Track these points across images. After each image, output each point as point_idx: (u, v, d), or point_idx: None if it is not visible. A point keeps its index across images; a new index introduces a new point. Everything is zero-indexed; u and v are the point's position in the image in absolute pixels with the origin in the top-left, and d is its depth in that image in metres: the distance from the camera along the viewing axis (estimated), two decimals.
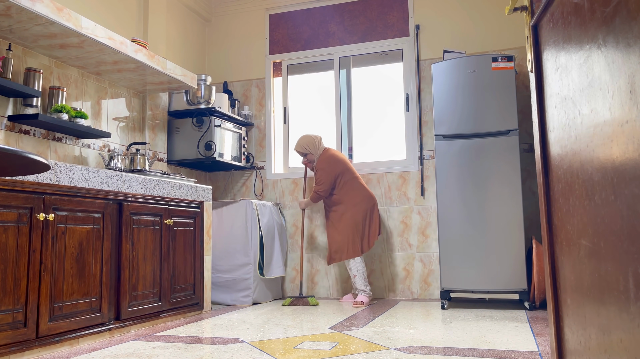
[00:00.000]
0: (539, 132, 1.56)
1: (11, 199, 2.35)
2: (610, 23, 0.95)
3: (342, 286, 4.61)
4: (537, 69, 1.57)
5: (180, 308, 3.53)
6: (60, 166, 2.60)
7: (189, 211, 3.67)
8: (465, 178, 3.80)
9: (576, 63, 1.19)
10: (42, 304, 2.48)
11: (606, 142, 1.00)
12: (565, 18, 1.24)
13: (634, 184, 0.87)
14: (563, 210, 1.36)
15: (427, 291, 4.39)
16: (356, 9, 4.87)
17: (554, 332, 1.49)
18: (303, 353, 2.42)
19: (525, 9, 1.63)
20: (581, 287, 1.22)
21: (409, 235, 4.49)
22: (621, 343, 0.97)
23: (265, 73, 5.09)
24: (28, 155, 1.19)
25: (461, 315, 3.46)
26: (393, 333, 2.86)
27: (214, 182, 5.12)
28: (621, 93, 0.91)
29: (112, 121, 3.83)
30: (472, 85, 3.87)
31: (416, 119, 4.57)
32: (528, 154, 4.24)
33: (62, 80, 3.41)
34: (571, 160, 1.25)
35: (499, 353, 2.35)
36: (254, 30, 5.17)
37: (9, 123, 3.03)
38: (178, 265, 3.53)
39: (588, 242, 1.15)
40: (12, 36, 2.98)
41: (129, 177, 3.09)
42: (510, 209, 3.68)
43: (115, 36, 3.27)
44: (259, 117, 5.07)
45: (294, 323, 3.29)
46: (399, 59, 4.77)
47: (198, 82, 4.33)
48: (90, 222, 2.81)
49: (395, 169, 4.59)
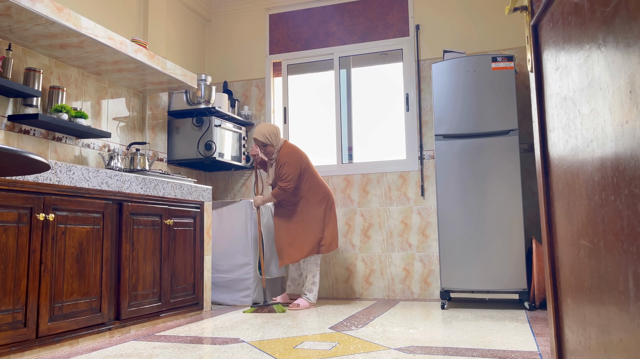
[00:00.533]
0: (539, 132, 1.56)
1: (11, 199, 2.35)
2: (610, 23, 0.95)
3: (342, 287, 4.61)
4: (537, 69, 1.57)
5: (180, 308, 3.53)
6: (60, 166, 2.60)
7: (189, 211, 3.67)
8: (465, 178, 3.80)
9: (576, 63, 1.19)
10: (42, 304, 2.48)
11: (606, 142, 1.00)
12: (565, 18, 1.24)
13: (634, 184, 0.87)
14: (563, 210, 1.36)
15: (427, 291, 4.39)
16: (356, 9, 4.87)
17: (554, 332, 1.49)
18: (303, 353, 2.42)
19: (525, 9, 1.63)
20: (581, 287, 1.22)
21: (409, 235, 4.49)
22: (621, 343, 0.97)
23: (265, 73, 5.09)
24: (28, 155, 1.19)
25: (461, 315, 3.46)
26: (393, 333, 2.86)
27: (214, 182, 5.12)
28: (621, 93, 0.91)
29: (112, 121, 3.83)
30: (472, 85, 3.87)
31: (416, 119, 4.57)
32: (528, 154, 4.23)
33: (62, 80, 3.41)
34: (571, 160, 1.25)
35: (499, 353, 2.35)
36: (254, 30, 5.17)
37: (9, 123, 3.03)
38: (178, 265, 3.52)
39: (588, 242, 1.15)
40: (12, 36, 2.98)
41: (129, 177, 3.09)
42: (510, 209, 3.68)
43: (115, 36, 3.27)
44: (259, 117, 5.07)
45: (294, 323, 3.29)
46: (399, 59, 4.77)
47: (198, 82, 4.33)
48: (90, 222, 2.81)
49: (395, 169, 4.59)
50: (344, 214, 4.67)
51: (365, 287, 4.56)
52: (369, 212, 4.61)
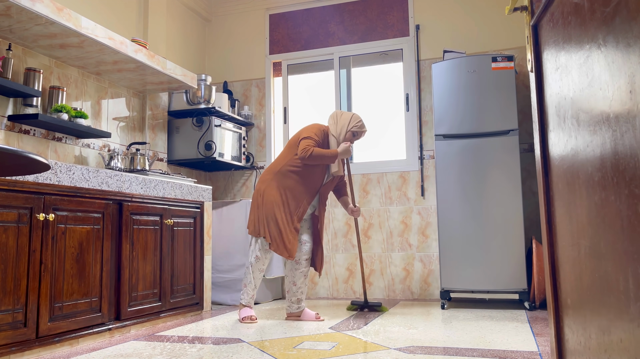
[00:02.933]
0: (539, 132, 1.56)
1: (11, 199, 2.35)
2: (610, 23, 0.95)
3: (342, 287, 4.60)
4: (537, 69, 1.57)
5: (180, 308, 3.53)
6: (60, 166, 2.60)
7: (189, 211, 3.67)
8: (465, 178, 3.80)
9: (576, 63, 1.18)
10: (42, 304, 2.48)
11: (606, 142, 1.00)
12: (565, 18, 1.24)
13: (634, 184, 0.87)
14: (563, 210, 1.36)
15: (427, 291, 4.39)
16: (356, 9, 4.87)
17: (554, 332, 1.49)
18: (303, 353, 2.42)
19: (525, 9, 1.63)
20: (581, 287, 1.22)
21: (409, 235, 4.49)
22: (621, 343, 0.97)
23: (265, 73, 5.09)
24: (28, 155, 1.19)
25: (461, 315, 3.46)
26: (393, 333, 2.86)
27: (214, 182, 5.11)
28: (621, 93, 0.91)
29: (112, 121, 3.83)
30: (472, 85, 3.87)
31: (416, 119, 4.57)
32: (528, 154, 4.23)
33: (62, 80, 3.41)
34: (571, 160, 1.25)
35: (499, 353, 2.35)
36: (254, 30, 5.17)
37: (9, 123, 3.03)
38: (178, 265, 3.52)
39: (588, 242, 1.15)
40: (12, 36, 2.98)
41: (129, 176, 3.09)
42: (510, 209, 3.68)
43: (115, 36, 3.27)
44: (259, 117, 5.07)
45: (294, 323, 3.29)
46: (399, 59, 4.77)
47: (198, 82, 4.33)
48: (90, 222, 2.81)
49: (395, 169, 4.59)
50: (344, 214, 4.67)
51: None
52: (369, 212, 4.61)
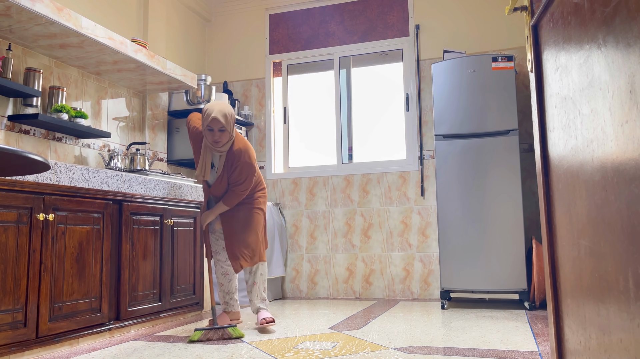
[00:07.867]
0: (539, 132, 1.56)
1: (11, 199, 2.35)
2: (610, 23, 0.95)
3: (342, 287, 4.61)
4: (537, 69, 1.57)
5: (180, 308, 3.53)
6: (60, 166, 2.60)
7: (189, 211, 3.67)
8: (465, 178, 3.80)
9: (576, 63, 1.18)
10: (42, 304, 2.48)
11: (606, 142, 1.00)
12: (565, 18, 1.24)
13: (634, 184, 0.87)
14: (563, 210, 1.36)
15: (427, 291, 4.39)
16: (356, 9, 4.87)
17: (554, 332, 1.49)
18: (303, 353, 2.42)
19: (525, 9, 1.63)
20: (581, 287, 1.22)
21: (409, 235, 4.49)
22: (621, 343, 0.97)
23: (265, 73, 5.09)
24: (28, 155, 1.19)
25: (461, 315, 3.46)
26: (393, 333, 2.86)
27: None
28: (621, 93, 0.91)
29: (112, 121, 3.83)
30: (472, 85, 3.87)
31: (416, 119, 4.57)
32: (528, 154, 4.23)
33: (62, 80, 3.41)
34: (571, 160, 1.25)
35: (499, 353, 2.35)
36: (254, 30, 5.17)
37: (9, 123, 3.03)
38: (178, 265, 3.52)
39: (588, 242, 1.15)
40: (12, 36, 2.98)
41: (129, 176, 3.09)
42: (510, 209, 3.68)
43: (115, 36, 3.27)
44: (259, 117, 5.07)
45: (294, 323, 3.29)
46: (399, 59, 4.77)
47: (198, 82, 4.33)
48: (90, 222, 2.81)
49: (395, 169, 4.59)
50: (344, 214, 4.67)
51: (365, 287, 4.56)
52: (369, 212, 4.61)
